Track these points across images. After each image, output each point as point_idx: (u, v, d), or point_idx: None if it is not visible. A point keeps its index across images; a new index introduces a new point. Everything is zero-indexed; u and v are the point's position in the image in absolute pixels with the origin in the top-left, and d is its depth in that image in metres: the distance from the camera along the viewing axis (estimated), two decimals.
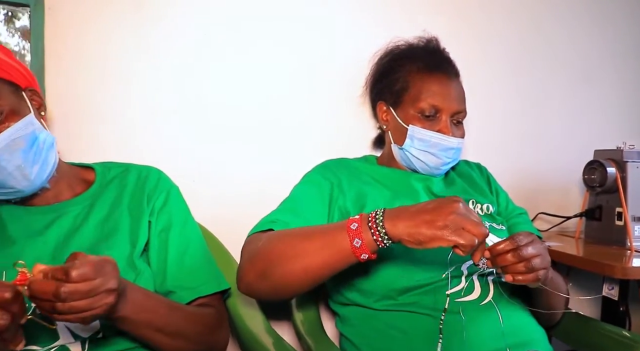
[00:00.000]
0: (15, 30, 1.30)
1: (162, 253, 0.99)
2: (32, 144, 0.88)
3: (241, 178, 1.42)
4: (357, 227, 0.84)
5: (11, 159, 0.85)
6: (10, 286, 0.64)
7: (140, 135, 1.34)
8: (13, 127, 0.86)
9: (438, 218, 0.79)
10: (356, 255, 0.84)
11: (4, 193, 0.90)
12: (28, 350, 0.84)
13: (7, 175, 0.86)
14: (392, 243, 0.83)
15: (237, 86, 1.41)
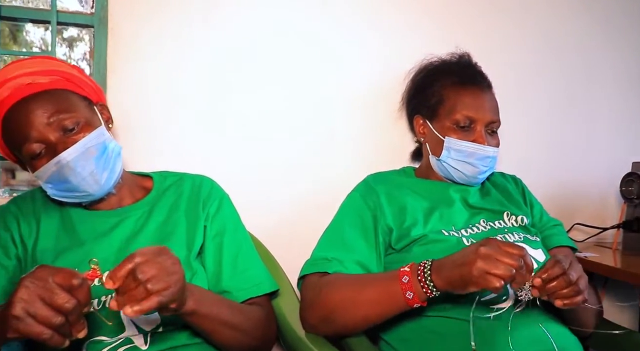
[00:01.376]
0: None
1: (216, 255, 1.06)
2: (103, 152, 0.98)
3: (285, 189, 1.49)
4: (408, 280, 0.96)
5: (86, 165, 0.95)
6: (79, 276, 0.71)
7: (192, 146, 1.44)
8: (87, 137, 0.96)
9: (469, 270, 0.87)
10: (409, 304, 0.96)
11: (77, 197, 0.99)
12: (97, 340, 0.93)
13: (81, 180, 0.95)
14: (439, 293, 0.94)
15: (282, 101, 1.49)
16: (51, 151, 0.93)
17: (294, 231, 1.46)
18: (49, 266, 0.71)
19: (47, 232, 1.02)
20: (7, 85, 0.94)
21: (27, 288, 0.67)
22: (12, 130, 0.95)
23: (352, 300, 1.02)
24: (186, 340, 0.97)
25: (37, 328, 0.67)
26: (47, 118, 0.93)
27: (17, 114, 0.93)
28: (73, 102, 0.98)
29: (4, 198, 1.36)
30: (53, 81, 0.97)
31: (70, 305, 0.68)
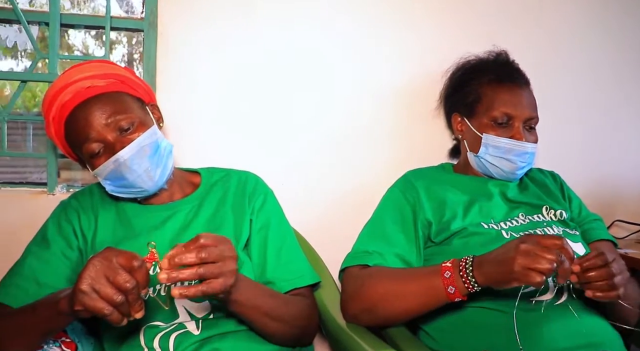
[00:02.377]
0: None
1: (262, 248, 1.11)
2: (156, 151, 1.04)
3: (325, 186, 1.54)
4: (450, 276, 0.99)
5: (141, 163, 1.01)
6: (139, 258, 0.77)
7: (237, 145, 1.50)
8: (142, 136, 1.02)
9: (510, 267, 0.90)
10: (450, 298, 1.00)
11: (133, 192, 1.06)
12: (154, 325, 0.99)
13: (137, 177, 1.02)
14: (480, 289, 0.97)
15: (322, 101, 1.54)
16: (109, 150, 1.00)
17: (333, 226, 1.50)
18: (115, 248, 0.77)
19: (104, 224, 1.09)
20: (69, 90, 1.02)
21: (94, 266, 0.74)
22: (73, 130, 1.02)
23: (395, 293, 1.06)
24: (234, 326, 1.02)
25: (100, 304, 0.73)
26: (105, 119, 1.00)
27: (78, 116, 1.01)
28: (128, 103, 1.05)
29: (62, 194, 1.45)
30: (109, 84, 1.04)
31: (130, 284, 0.74)
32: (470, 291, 0.98)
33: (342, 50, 1.54)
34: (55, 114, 1.03)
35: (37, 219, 1.36)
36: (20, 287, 1.00)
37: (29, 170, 4.03)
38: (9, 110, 1.45)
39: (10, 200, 1.43)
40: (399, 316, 1.09)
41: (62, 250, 1.05)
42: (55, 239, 1.06)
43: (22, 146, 2.54)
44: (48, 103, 1.04)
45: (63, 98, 1.02)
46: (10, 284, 1.01)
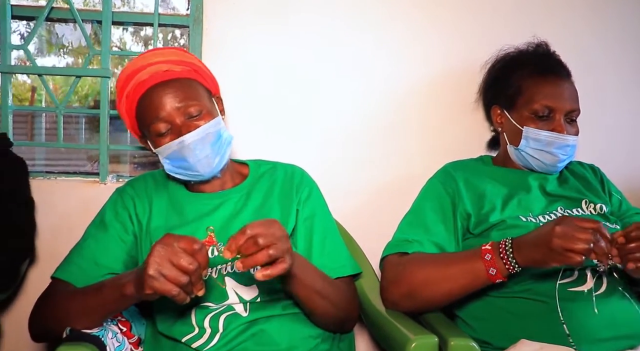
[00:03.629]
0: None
1: (307, 237, 1.16)
2: (218, 140, 1.10)
3: (364, 178, 1.57)
4: (491, 258, 1.02)
5: (203, 149, 1.07)
6: (199, 242, 0.83)
7: (278, 137, 1.55)
8: (207, 124, 1.08)
9: (548, 249, 0.94)
10: (491, 280, 1.03)
11: (189, 175, 1.12)
12: (205, 306, 1.05)
13: (197, 161, 1.08)
14: (521, 269, 1.00)
15: (359, 94, 1.57)
16: (175, 132, 1.07)
17: (373, 217, 1.53)
18: (174, 234, 0.83)
19: (158, 211, 1.15)
20: (147, 70, 1.09)
21: (158, 253, 0.80)
22: (145, 108, 1.08)
23: (435, 277, 1.08)
24: (280, 310, 1.07)
25: (168, 286, 0.79)
26: (177, 103, 1.06)
27: (151, 96, 1.07)
28: (199, 91, 1.11)
29: (113, 183, 1.53)
30: (184, 71, 1.11)
31: (193, 266, 0.80)
32: (510, 272, 1.00)
33: (380, 43, 1.57)
34: (131, 91, 1.10)
35: (90, 206, 1.44)
36: (80, 267, 1.07)
37: (82, 161, 4.21)
38: (65, 104, 1.53)
39: (66, 188, 1.52)
40: (440, 300, 1.11)
41: (118, 234, 1.12)
42: (112, 224, 1.13)
43: (75, 138, 2.68)
44: (124, 80, 1.11)
45: (140, 77, 1.09)
46: (72, 263, 1.08)
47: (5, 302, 1.39)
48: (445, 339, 0.99)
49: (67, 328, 0.93)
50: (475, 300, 1.18)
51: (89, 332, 0.94)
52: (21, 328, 1.46)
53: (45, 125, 4.23)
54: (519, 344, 1.02)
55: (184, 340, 1.04)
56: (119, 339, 1.01)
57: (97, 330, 0.96)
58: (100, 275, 1.05)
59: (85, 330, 0.95)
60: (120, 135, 2.17)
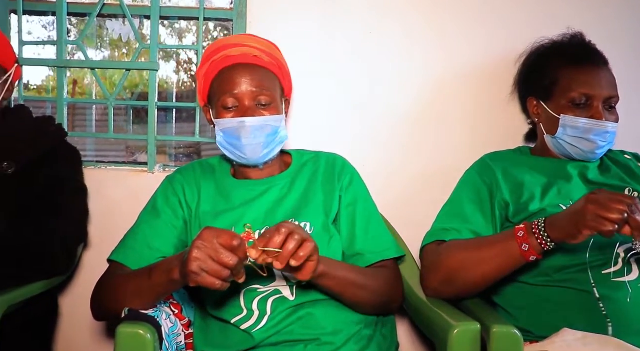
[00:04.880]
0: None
1: (350, 222, 1.19)
2: (274, 134, 1.15)
3: (403, 170, 1.60)
4: (524, 235, 1.03)
5: (258, 136, 1.12)
6: (238, 238, 0.86)
7: (320, 127, 1.59)
8: (270, 117, 1.14)
9: (582, 215, 0.94)
10: (525, 257, 1.03)
11: (235, 154, 1.16)
12: (253, 288, 1.09)
13: (248, 144, 1.13)
14: (554, 245, 1.00)
15: (397, 86, 1.59)
16: (240, 111, 1.13)
17: (412, 206, 1.55)
18: (213, 229, 0.86)
19: (206, 197, 1.20)
20: (239, 49, 1.15)
21: (199, 249, 0.84)
22: (224, 80, 1.14)
23: (471, 260, 1.10)
24: (326, 295, 1.10)
25: (210, 280, 0.84)
26: (253, 87, 1.12)
27: (234, 71, 1.13)
28: (275, 86, 1.18)
29: (160, 172, 1.59)
30: (270, 63, 1.18)
31: (233, 262, 0.84)
32: (544, 248, 1.01)
33: (422, 35, 1.58)
34: (218, 60, 1.16)
35: (138, 194, 1.51)
36: (135, 250, 1.13)
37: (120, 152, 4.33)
38: (115, 96, 1.60)
39: (115, 177, 1.59)
40: (477, 283, 1.12)
41: (170, 219, 1.17)
42: (164, 209, 1.18)
43: (124, 129, 2.78)
44: (215, 49, 1.17)
45: (231, 52, 1.15)
46: (126, 247, 1.15)
47: (62, 284, 1.47)
48: (488, 326, 0.99)
49: (125, 309, 0.99)
50: (515, 289, 1.20)
51: (145, 313, 0.99)
52: (77, 308, 1.55)
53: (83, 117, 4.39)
54: (561, 333, 1.04)
55: (233, 321, 1.08)
56: (172, 320, 1.07)
57: (152, 311, 1.01)
58: (154, 258, 1.10)
59: (141, 310, 1.00)
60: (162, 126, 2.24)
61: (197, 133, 1.63)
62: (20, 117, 1.39)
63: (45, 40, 1.84)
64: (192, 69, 8.41)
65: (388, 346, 1.16)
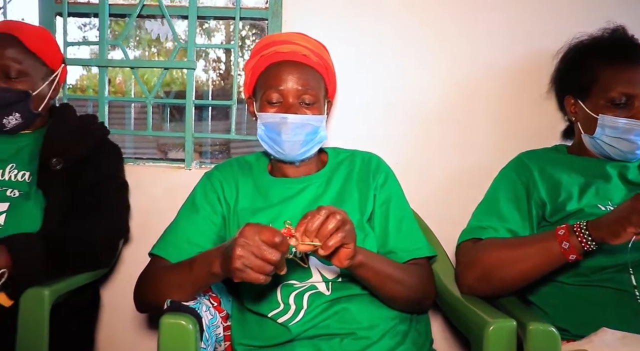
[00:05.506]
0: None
1: (384, 220, 1.20)
2: (313, 133, 1.17)
3: (437, 168, 1.60)
4: (564, 233, 1.03)
5: (298, 133, 1.14)
6: (280, 234, 0.88)
7: (354, 125, 1.61)
8: (312, 116, 1.16)
9: (624, 212, 0.95)
10: (565, 255, 1.03)
11: (273, 148, 1.18)
12: (290, 284, 1.11)
13: (287, 141, 1.15)
14: (595, 245, 1.00)
15: (433, 84, 1.59)
16: (283, 107, 1.15)
17: (446, 204, 1.56)
18: (254, 226, 0.88)
19: (244, 194, 1.23)
20: (288, 46, 1.18)
21: (242, 247, 0.87)
22: (271, 75, 1.16)
23: (509, 256, 1.10)
24: (361, 290, 1.12)
25: (254, 275, 0.87)
26: (299, 85, 1.14)
27: (281, 67, 1.16)
28: (320, 86, 1.20)
29: (197, 169, 1.63)
30: (318, 64, 1.20)
31: (276, 257, 0.87)
32: (585, 248, 1.01)
33: (456, 31, 1.58)
34: (267, 54, 1.18)
35: (176, 190, 1.55)
36: (174, 245, 1.17)
37: (150, 150, 4.44)
38: (154, 95, 1.64)
39: (154, 173, 1.64)
40: (514, 281, 1.12)
41: (208, 215, 1.21)
42: (202, 205, 1.22)
43: (161, 127, 2.86)
44: (265, 44, 1.20)
45: (280, 48, 1.18)
46: (167, 242, 1.18)
47: (103, 277, 1.52)
48: (524, 324, 0.99)
49: (167, 300, 1.02)
50: (551, 288, 1.19)
51: (187, 304, 1.03)
52: (117, 300, 1.61)
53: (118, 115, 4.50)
54: (600, 332, 1.03)
55: (270, 315, 1.11)
56: (212, 312, 1.10)
57: (193, 302, 1.04)
58: (193, 253, 1.12)
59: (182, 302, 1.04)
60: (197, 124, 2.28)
61: (232, 130, 1.67)
62: (66, 115, 1.45)
63: (85, 41, 1.90)
64: (221, 68, 8.47)
65: (422, 342, 1.17)
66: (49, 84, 1.37)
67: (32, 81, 1.33)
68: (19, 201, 1.27)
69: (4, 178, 1.30)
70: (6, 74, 1.29)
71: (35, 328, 1.13)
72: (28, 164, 1.34)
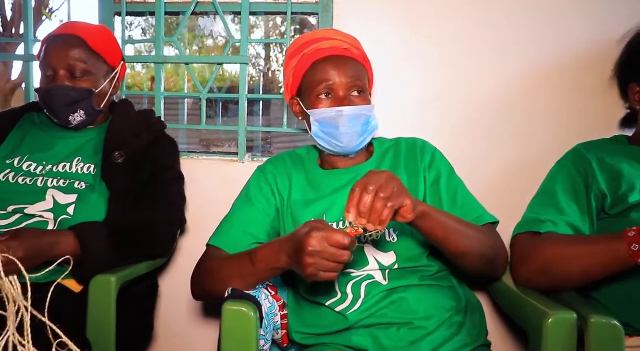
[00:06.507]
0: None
1: (437, 199, 1.21)
2: (367, 124, 1.19)
3: (493, 156, 1.59)
4: (635, 235, 0.99)
5: (354, 125, 1.17)
6: (347, 235, 0.91)
7: (408, 119, 1.61)
8: (365, 107, 1.18)
9: None
10: (634, 258, 0.99)
11: (330, 143, 1.21)
12: (346, 273, 1.14)
13: (344, 133, 1.17)
14: None
15: (486, 74, 1.58)
16: (335, 101, 1.17)
17: (495, 199, 1.52)
18: (319, 232, 0.91)
19: (297, 186, 1.26)
20: (328, 42, 1.21)
21: (311, 256, 0.91)
22: (318, 71, 1.19)
23: (572, 253, 1.08)
24: (418, 281, 1.13)
25: (327, 275, 0.93)
26: (347, 78, 1.17)
27: (327, 63, 1.18)
28: (365, 77, 1.23)
29: (250, 162, 1.67)
30: (359, 56, 1.23)
31: (347, 258, 0.92)
32: None
33: (509, 21, 1.55)
34: (309, 53, 1.21)
35: (229, 183, 1.59)
36: (231, 236, 1.20)
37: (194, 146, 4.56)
38: (207, 90, 1.69)
39: (207, 166, 1.69)
40: (576, 278, 1.10)
41: (263, 207, 1.24)
42: (257, 198, 1.25)
43: (214, 121, 2.94)
44: (305, 43, 1.23)
45: (321, 45, 1.21)
46: (223, 233, 1.22)
47: (161, 266, 1.58)
48: (585, 317, 0.97)
49: (229, 288, 1.06)
50: (611, 283, 1.16)
51: (248, 292, 1.06)
52: (174, 288, 1.67)
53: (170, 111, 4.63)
54: None
55: (327, 303, 1.14)
56: (270, 301, 1.13)
57: (253, 291, 1.08)
58: (248, 244, 1.17)
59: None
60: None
61: (284, 124, 1.69)
62: (126, 111, 1.51)
63: (143, 39, 1.96)
64: (260, 64, 8.56)
65: (478, 333, 1.17)
66: (110, 81, 1.43)
67: (95, 79, 1.39)
68: (85, 193, 1.33)
69: (72, 171, 1.36)
70: (72, 74, 1.35)
71: (103, 312, 1.19)
72: (93, 157, 1.40)
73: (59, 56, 1.34)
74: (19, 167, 1.36)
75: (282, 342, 1.21)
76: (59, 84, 1.33)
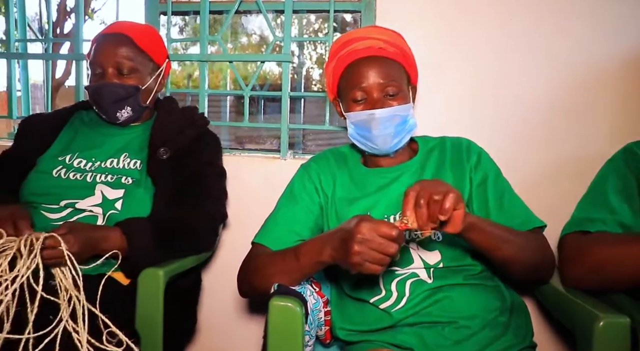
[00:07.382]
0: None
1: (483, 200, 1.19)
2: (403, 123, 1.18)
3: (540, 154, 1.55)
4: None
5: (388, 126, 1.16)
6: (396, 227, 0.91)
7: (449, 114, 1.59)
8: (399, 107, 1.17)
9: None
10: None
11: (366, 145, 1.21)
12: (391, 270, 1.14)
13: (378, 135, 1.17)
14: None
15: (536, 70, 1.54)
16: (369, 104, 1.17)
17: (541, 198, 1.50)
18: (369, 222, 0.91)
19: (341, 184, 1.26)
20: (364, 42, 1.20)
21: (360, 244, 0.91)
22: (351, 74, 1.19)
23: (625, 252, 1.04)
24: (462, 280, 1.12)
25: (373, 267, 0.92)
26: (380, 79, 1.16)
27: (361, 65, 1.18)
28: (401, 74, 1.20)
29: (292, 159, 1.68)
30: (395, 53, 1.21)
31: (394, 250, 0.91)
32: None
33: (563, 18, 1.52)
34: (344, 55, 1.21)
35: (271, 179, 1.61)
36: (276, 233, 1.22)
37: (229, 142, 4.61)
38: (250, 87, 1.71)
39: (250, 163, 1.71)
40: (627, 280, 1.06)
41: (307, 205, 1.25)
42: (301, 196, 1.26)
43: (255, 118, 2.97)
44: (341, 45, 1.23)
45: (356, 46, 1.20)
46: (268, 231, 1.24)
47: (204, 261, 1.61)
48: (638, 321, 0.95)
49: (275, 284, 1.07)
50: None
51: (294, 288, 1.07)
52: (216, 283, 1.69)
53: None
54: None
55: (372, 300, 1.14)
56: (315, 297, 1.14)
57: (298, 287, 1.09)
58: (293, 241, 1.18)
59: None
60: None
61: (326, 121, 1.70)
62: (170, 107, 1.54)
63: (188, 37, 2.00)
64: (295, 61, 8.59)
65: (524, 334, 1.15)
66: (155, 78, 1.46)
67: (141, 77, 1.42)
68: (132, 188, 1.36)
69: (120, 166, 1.40)
70: (119, 71, 1.38)
71: (151, 305, 1.22)
72: (139, 153, 1.43)
73: (107, 54, 1.38)
74: (70, 163, 1.40)
75: (324, 338, 1.22)
76: (107, 82, 1.37)
